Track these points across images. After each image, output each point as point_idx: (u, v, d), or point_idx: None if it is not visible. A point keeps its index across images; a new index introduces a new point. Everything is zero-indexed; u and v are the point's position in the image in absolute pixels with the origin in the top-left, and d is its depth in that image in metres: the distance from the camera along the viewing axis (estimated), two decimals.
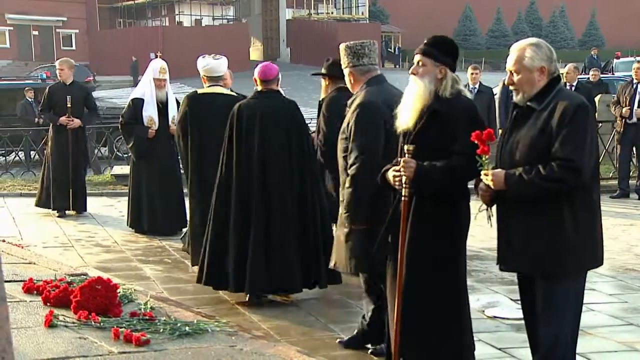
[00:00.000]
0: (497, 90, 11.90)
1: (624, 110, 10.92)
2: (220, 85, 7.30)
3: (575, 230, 3.47)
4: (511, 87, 3.64)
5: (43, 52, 48.89)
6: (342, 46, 4.85)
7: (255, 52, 53.52)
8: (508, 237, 3.59)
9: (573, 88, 11.26)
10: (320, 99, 6.36)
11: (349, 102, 4.76)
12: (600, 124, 12.16)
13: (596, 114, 11.94)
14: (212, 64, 7.25)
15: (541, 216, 3.48)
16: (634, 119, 10.88)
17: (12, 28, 51.14)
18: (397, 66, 55.11)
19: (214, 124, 6.73)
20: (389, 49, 57.38)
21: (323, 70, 6.33)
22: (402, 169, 3.84)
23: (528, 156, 3.47)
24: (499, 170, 3.53)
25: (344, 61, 4.82)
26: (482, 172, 3.54)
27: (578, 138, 3.40)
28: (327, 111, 6.07)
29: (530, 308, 3.71)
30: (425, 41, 4.05)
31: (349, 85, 4.89)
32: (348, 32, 50.04)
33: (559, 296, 3.56)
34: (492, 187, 3.50)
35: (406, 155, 3.86)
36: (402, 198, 3.88)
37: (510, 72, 3.60)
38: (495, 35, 59.81)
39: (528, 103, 3.55)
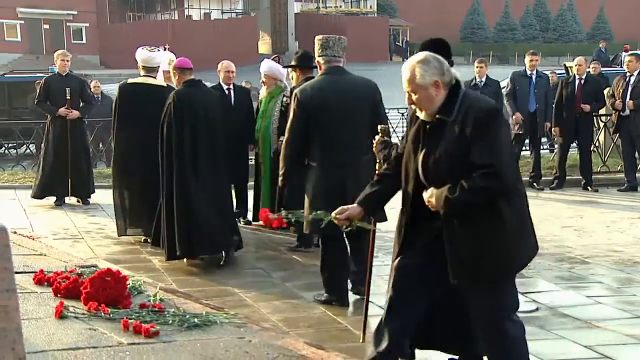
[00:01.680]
0: (504, 84, 11.88)
1: (616, 103, 11.05)
2: (152, 76, 7.97)
3: (510, 233, 3.49)
4: (413, 107, 3.64)
5: (54, 46, 49.07)
6: (315, 38, 5.72)
7: (264, 45, 53.48)
8: (451, 252, 3.59)
9: (582, 81, 11.27)
10: (292, 87, 7.24)
11: None
12: (608, 117, 12.16)
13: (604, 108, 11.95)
14: (145, 55, 7.95)
15: (475, 226, 3.49)
16: (627, 111, 10.98)
17: (23, 22, 51.26)
18: (405, 59, 54.78)
19: (141, 111, 7.68)
20: (397, 43, 57.25)
21: (293, 62, 7.31)
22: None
23: (452, 168, 3.47)
24: (437, 192, 3.51)
25: (315, 51, 5.69)
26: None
27: (493, 143, 3.41)
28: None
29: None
30: None
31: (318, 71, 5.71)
32: (356, 26, 50.07)
33: (504, 298, 3.61)
34: (433, 207, 3.52)
35: (379, 134, 4.64)
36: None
37: (409, 92, 3.58)
38: (503, 29, 59.57)
39: (438, 116, 3.54)
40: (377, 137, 4.70)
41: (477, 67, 11.32)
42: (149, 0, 55.04)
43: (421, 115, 3.59)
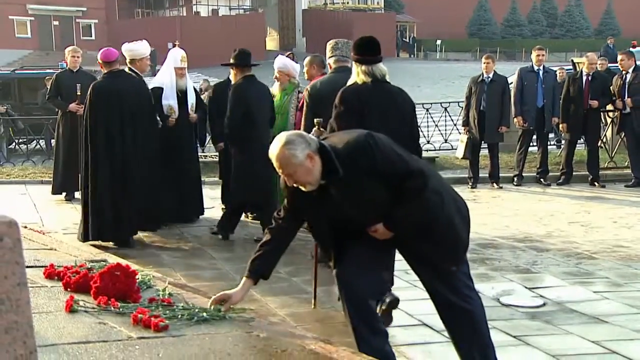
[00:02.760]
0: (512, 79, 11.88)
1: (617, 102, 11.14)
2: (130, 67, 8.01)
3: (445, 206, 3.68)
4: (295, 185, 3.64)
5: (63, 42, 49.20)
6: (327, 43, 6.17)
7: (272, 41, 53.51)
8: (419, 251, 3.76)
9: (590, 77, 11.26)
10: (232, 84, 7.49)
11: None
12: (615, 113, 12.14)
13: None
14: (124, 47, 8.18)
15: (423, 227, 3.65)
16: (627, 109, 11.05)
17: (33, 18, 51.45)
18: (412, 56, 54.97)
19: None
20: (403, 39, 57.19)
21: (231, 60, 7.45)
22: None
23: (377, 203, 3.61)
24: (380, 226, 3.67)
25: (327, 52, 6.13)
26: None
27: (390, 159, 3.58)
28: (232, 99, 7.26)
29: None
30: None
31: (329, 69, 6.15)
32: (363, 22, 50.01)
33: (464, 275, 3.85)
34: (386, 237, 3.69)
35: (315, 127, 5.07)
36: None
37: (288, 175, 3.59)
38: (510, 25, 59.48)
39: (322, 181, 3.59)
40: (313, 130, 5.02)
41: (484, 63, 11.33)
42: None
43: (306, 188, 3.62)
